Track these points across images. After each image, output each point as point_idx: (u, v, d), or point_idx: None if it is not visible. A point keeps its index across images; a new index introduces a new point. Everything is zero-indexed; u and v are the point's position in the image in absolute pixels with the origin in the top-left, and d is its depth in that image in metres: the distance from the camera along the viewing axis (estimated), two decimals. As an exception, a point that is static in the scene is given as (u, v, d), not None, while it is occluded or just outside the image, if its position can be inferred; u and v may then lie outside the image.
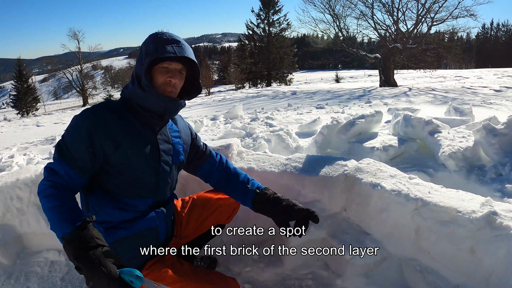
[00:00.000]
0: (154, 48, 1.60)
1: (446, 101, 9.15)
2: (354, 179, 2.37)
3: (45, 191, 1.49)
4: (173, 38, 1.64)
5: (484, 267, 1.80)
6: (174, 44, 1.63)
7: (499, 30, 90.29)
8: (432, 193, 2.08)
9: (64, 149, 1.56)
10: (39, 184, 1.54)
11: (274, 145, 4.53)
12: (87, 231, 1.38)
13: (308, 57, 47.56)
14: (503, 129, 3.19)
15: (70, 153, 1.55)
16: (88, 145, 1.56)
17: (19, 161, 5.54)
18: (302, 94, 15.33)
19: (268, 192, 1.91)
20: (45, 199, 1.48)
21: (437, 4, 21.51)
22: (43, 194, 1.49)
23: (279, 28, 43.67)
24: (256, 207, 1.91)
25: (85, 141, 1.56)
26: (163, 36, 1.64)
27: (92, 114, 1.59)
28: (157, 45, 1.60)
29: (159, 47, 1.60)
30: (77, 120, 1.59)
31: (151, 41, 1.63)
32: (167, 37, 1.64)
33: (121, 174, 1.65)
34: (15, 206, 2.81)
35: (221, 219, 2.14)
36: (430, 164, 3.35)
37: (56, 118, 18.14)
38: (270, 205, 1.86)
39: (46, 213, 1.47)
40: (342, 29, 24.48)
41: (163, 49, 1.59)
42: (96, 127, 1.57)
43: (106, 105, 1.66)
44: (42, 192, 1.50)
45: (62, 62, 50.25)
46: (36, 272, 2.70)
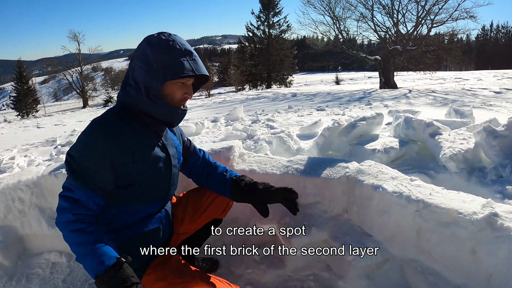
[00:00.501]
0: (170, 63, 1.53)
1: (446, 103, 9.16)
2: (356, 181, 2.37)
3: (71, 225, 1.46)
4: (186, 48, 1.58)
5: (485, 268, 1.80)
6: (188, 56, 1.58)
7: (499, 31, 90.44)
8: (433, 194, 2.09)
9: (81, 172, 1.50)
10: (60, 215, 1.49)
11: (275, 147, 4.53)
12: (122, 271, 1.40)
13: (308, 59, 47.55)
14: (503, 131, 3.20)
15: (89, 177, 1.51)
16: (108, 166, 1.53)
17: (20, 162, 5.54)
18: (302, 96, 15.34)
19: (245, 179, 1.96)
20: (72, 234, 1.46)
21: (437, 6, 21.59)
22: (69, 228, 1.46)
23: (279, 30, 43.76)
24: (234, 194, 1.94)
25: (105, 162, 1.52)
26: (175, 46, 1.56)
27: (106, 133, 1.53)
28: (173, 60, 1.54)
29: (175, 63, 1.54)
30: (92, 139, 1.52)
31: (164, 52, 1.55)
32: (180, 47, 1.57)
33: (134, 184, 1.64)
34: (17, 208, 2.81)
35: (217, 213, 2.15)
36: (431, 166, 3.35)
37: (56, 120, 18.13)
38: (247, 192, 1.91)
39: (74, 248, 1.46)
40: (342, 31, 24.55)
41: (181, 66, 1.54)
42: (114, 146, 1.53)
43: (115, 117, 1.60)
44: (67, 225, 1.47)
45: (62, 63, 50.29)
46: (37, 273, 2.70)
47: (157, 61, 1.54)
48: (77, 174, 1.50)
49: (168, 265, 1.74)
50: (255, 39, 44.60)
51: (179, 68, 1.54)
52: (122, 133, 1.57)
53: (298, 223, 2.42)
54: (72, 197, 1.49)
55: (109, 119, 1.58)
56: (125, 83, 1.63)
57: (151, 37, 1.60)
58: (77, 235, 1.45)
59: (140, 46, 1.61)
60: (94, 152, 1.51)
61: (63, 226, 1.48)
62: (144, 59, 1.56)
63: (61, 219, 1.48)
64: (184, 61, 1.55)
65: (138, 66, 1.57)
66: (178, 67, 1.54)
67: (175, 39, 1.58)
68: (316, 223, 2.42)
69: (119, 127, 1.57)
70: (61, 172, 2.78)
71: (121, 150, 1.55)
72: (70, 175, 1.51)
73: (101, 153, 1.51)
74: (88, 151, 1.51)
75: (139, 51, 1.59)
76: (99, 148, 1.50)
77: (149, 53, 1.55)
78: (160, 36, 1.58)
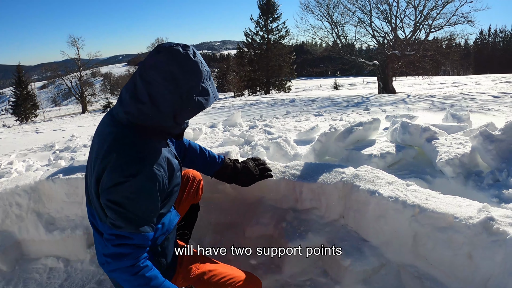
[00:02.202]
0: (200, 90, 1.46)
1: (444, 107, 9.17)
2: (352, 186, 2.38)
3: (135, 268, 1.45)
4: (207, 69, 1.51)
5: (482, 272, 1.81)
6: (209, 78, 1.52)
7: (497, 36, 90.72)
8: (430, 199, 2.09)
9: (138, 220, 1.45)
10: (119, 262, 1.45)
11: (272, 153, 4.53)
12: None
13: (306, 65, 47.62)
14: (500, 135, 3.21)
15: (146, 221, 1.48)
16: (158, 200, 1.52)
17: (18, 167, 5.54)
18: (300, 102, 15.35)
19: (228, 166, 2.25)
20: (136, 277, 1.45)
21: (434, 11, 21.63)
22: (132, 272, 1.45)
23: (278, 36, 43.81)
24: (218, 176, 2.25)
25: (156, 199, 1.51)
26: (203, 69, 1.48)
27: (154, 173, 1.47)
28: (201, 85, 1.47)
29: (203, 90, 1.47)
30: (144, 184, 1.44)
31: (194, 76, 1.45)
32: (206, 70, 1.49)
33: (168, 198, 1.67)
34: (14, 213, 2.82)
35: (192, 197, 2.27)
36: (427, 171, 3.36)
37: (55, 125, 18.10)
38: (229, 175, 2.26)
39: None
40: (340, 37, 24.58)
41: (207, 95, 1.49)
42: (162, 182, 1.51)
43: (147, 148, 1.50)
44: (131, 269, 1.45)
45: (62, 69, 50.33)
46: (34, 278, 2.70)
47: (189, 87, 1.44)
48: (134, 222, 1.45)
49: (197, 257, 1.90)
50: (254, 44, 44.66)
51: (207, 97, 1.50)
52: (158, 161, 1.51)
53: (294, 229, 2.43)
54: (131, 244, 1.45)
55: (138, 150, 1.48)
56: (134, 96, 1.47)
57: (178, 53, 1.44)
58: (139, 278, 1.45)
59: (160, 59, 1.43)
60: (147, 196, 1.47)
61: (124, 271, 1.45)
62: (171, 78, 1.42)
63: (120, 265, 1.45)
64: (208, 87, 1.49)
65: (159, 83, 1.42)
66: (206, 97, 1.49)
67: (201, 59, 1.49)
68: (313, 228, 2.42)
69: (152, 155, 1.50)
70: (59, 178, 2.79)
71: (163, 178, 1.52)
72: (126, 224, 1.44)
73: (153, 194, 1.48)
74: (140, 197, 1.45)
75: (161, 65, 1.42)
76: (150, 190, 1.46)
77: (178, 74, 1.42)
78: (189, 55, 1.45)
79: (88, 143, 7.63)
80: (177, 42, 1.50)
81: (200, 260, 1.89)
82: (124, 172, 1.42)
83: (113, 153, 1.45)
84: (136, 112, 1.48)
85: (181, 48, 1.45)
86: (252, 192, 2.67)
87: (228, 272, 1.88)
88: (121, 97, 1.53)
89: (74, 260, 2.82)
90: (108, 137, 1.52)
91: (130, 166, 1.43)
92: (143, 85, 1.45)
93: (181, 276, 1.80)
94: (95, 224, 1.65)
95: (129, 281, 1.46)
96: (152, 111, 1.46)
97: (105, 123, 1.60)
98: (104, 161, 1.47)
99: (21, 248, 2.89)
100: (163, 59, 1.43)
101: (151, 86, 1.43)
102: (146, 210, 1.47)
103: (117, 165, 1.44)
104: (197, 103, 1.47)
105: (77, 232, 2.77)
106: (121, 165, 1.43)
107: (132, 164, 1.43)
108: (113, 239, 1.45)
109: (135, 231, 1.45)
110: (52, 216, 2.87)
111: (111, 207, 1.44)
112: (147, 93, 1.44)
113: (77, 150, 7.13)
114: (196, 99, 1.46)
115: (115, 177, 1.42)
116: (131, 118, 1.50)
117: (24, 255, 2.90)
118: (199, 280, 1.80)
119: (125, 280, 1.46)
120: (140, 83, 1.46)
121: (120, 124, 1.53)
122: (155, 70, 1.43)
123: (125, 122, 1.52)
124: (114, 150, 1.46)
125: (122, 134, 1.51)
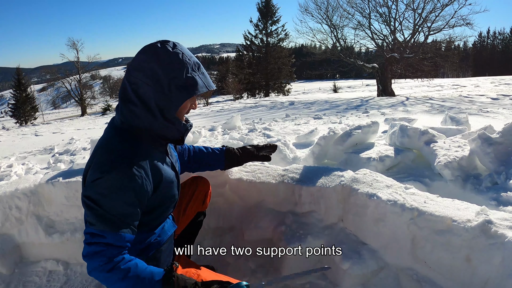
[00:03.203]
0: (184, 81, 1.45)
1: (443, 110, 9.19)
2: (351, 190, 2.39)
3: (107, 266, 1.40)
4: (194, 60, 1.50)
5: (480, 275, 1.81)
6: (198, 69, 1.50)
7: (496, 38, 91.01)
8: (428, 202, 2.10)
9: (110, 218, 1.41)
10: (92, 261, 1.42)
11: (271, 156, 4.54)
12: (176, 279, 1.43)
13: (306, 67, 47.82)
14: (498, 138, 3.21)
15: (120, 221, 1.43)
16: (136, 203, 1.48)
17: (17, 170, 5.53)
18: (300, 105, 15.38)
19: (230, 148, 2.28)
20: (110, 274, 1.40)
21: (433, 14, 21.72)
22: (105, 269, 1.40)
23: (277, 39, 43.98)
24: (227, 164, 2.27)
25: (133, 201, 1.46)
26: (185, 59, 1.47)
27: (126, 168, 1.44)
28: (186, 76, 1.45)
29: (188, 80, 1.45)
30: (113, 180, 1.41)
31: (176, 68, 1.45)
32: (190, 60, 1.48)
33: (156, 208, 1.65)
34: (14, 216, 2.82)
35: (199, 205, 2.27)
36: (426, 174, 3.36)
37: (54, 128, 18.12)
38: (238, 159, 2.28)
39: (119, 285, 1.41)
40: (339, 39, 24.66)
41: (195, 83, 1.46)
42: (141, 184, 1.47)
43: (126, 143, 1.50)
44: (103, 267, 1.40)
45: (61, 71, 50.42)
46: (34, 281, 2.70)
47: (170, 79, 1.44)
48: (106, 220, 1.41)
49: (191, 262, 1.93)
50: (253, 47, 44.80)
51: (193, 85, 1.46)
52: (144, 166, 1.50)
53: (293, 232, 2.44)
54: (103, 242, 1.41)
55: (122, 149, 1.48)
56: (125, 100, 1.50)
57: (156, 49, 1.47)
58: (115, 273, 1.40)
59: (142, 58, 1.47)
60: (120, 194, 1.42)
61: (99, 270, 1.41)
62: (152, 75, 1.44)
63: (94, 264, 1.41)
64: (196, 76, 1.47)
65: (144, 83, 1.45)
66: (193, 85, 1.46)
67: (182, 50, 1.48)
68: (312, 231, 2.43)
69: (136, 157, 1.48)
70: (58, 181, 2.79)
71: (147, 185, 1.51)
72: (97, 222, 1.41)
73: (127, 193, 1.44)
74: (112, 194, 1.42)
75: (143, 64, 1.45)
76: (123, 188, 1.42)
77: (158, 69, 1.43)
78: (167, 48, 1.46)
79: (87, 146, 7.64)
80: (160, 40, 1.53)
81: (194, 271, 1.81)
82: (101, 169, 1.42)
83: (98, 152, 1.49)
84: (129, 114, 1.50)
85: (159, 43, 1.48)
86: (251, 196, 2.67)
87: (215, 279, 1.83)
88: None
89: (74, 263, 2.82)
90: (100, 139, 1.57)
91: (108, 163, 1.43)
92: (130, 87, 1.48)
93: None
94: None
95: (106, 280, 1.42)
96: (143, 112, 1.48)
97: (106, 128, 1.63)
98: (89, 160, 1.51)
99: (21, 251, 2.89)
100: (144, 58, 1.46)
101: (137, 87, 1.46)
102: (120, 209, 1.43)
103: (97, 162, 1.46)
104: (181, 94, 1.47)
105: (77, 235, 2.77)
106: (100, 162, 1.45)
107: (110, 162, 1.43)
108: (88, 238, 1.43)
109: (108, 228, 1.41)
110: (51, 219, 2.87)
111: (86, 202, 1.43)
112: (135, 94, 1.47)
113: (76, 153, 7.13)
114: (179, 89, 1.46)
115: (93, 174, 1.44)
116: (124, 120, 1.53)
117: (24, 258, 2.90)
118: None
119: (103, 279, 1.43)
120: (127, 86, 1.49)
121: (115, 127, 1.56)
122: (138, 70, 1.46)
123: (119, 125, 1.55)
124: (100, 149, 1.50)
125: (112, 135, 1.54)
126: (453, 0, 20.75)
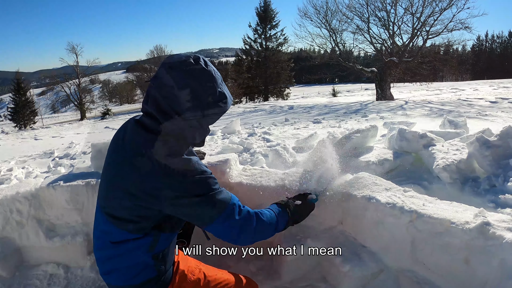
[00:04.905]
0: (218, 96, 1.53)
1: (442, 113, 9.22)
2: (350, 193, 2.40)
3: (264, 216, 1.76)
4: (219, 73, 1.57)
5: (479, 276, 1.82)
6: (222, 81, 1.58)
7: (494, 41, 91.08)
8: (427, 205, 2.11)
9: (221, 194, 1.62)
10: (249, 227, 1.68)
11: (271, 160, 4.56)
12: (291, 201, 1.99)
13: (305, 72, 47.82)
14: (496, 140, 3.23)
15: (222, 191, 1.64)
16: None
17: (17, 174, 5.55)
18: (299, 109, 15.42)
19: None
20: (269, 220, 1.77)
21: (432, 18, 21.82)
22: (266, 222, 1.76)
23: (276, 43, 43.94)
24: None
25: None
26: (216, 75, 1.54)
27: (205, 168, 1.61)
28: (217, 90, 1.52)
29: (220, 94, 1.53)
30: (203, 173, 1.56)
31: (210, 84, 1.51)
32: (218, 75, 1.56)
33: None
34: (15, 219, 2.82)
35: None
36: (425, 177, 3.38)
37: (54, 132, 18.13)
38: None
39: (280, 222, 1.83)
40: (338, 44, 24.76)
41: (224, 98, 1.56)
42: None
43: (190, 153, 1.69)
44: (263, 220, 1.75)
45: (60, 75, 50.41)
46: (35, 285, 2.71)
47: (207, 95, 1.50)
48: (219, 199, 1.60)
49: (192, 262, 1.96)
50: (252, 52, 44.77)
51: (224, 100, 1.55)
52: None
53: (293, 235, 2.45)
54: (235, 210, 1.65)
55: (193, 158, 1.60)
56: (163, 112, 1.51)
57: (190, 66, 1.49)
58: (271, 217, 1.80)
59: (173, 75, 1.47)
60: (212, 177, 1.60)
61: (261, 225, 1.74)
62: (189, 92, 1.47)
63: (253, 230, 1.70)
64: (224, 91, 1.56)
65: (180, 99, 1.47)
66: (223, 100, 1.55)
67: (212, 67, 1.55)
68: (312, 234, 2.44)
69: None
70: (59, 185, 2.80)
71: None
72: (217, 206, 1.59)
73: (211, 177, 1.61)
74: (211, 179, 1.59)
75: (179, 81, 1.46)
76: (208, 174, 1.59)
77: (195, 86, 1.47)
78: (201, 66, 1.50)
79: (87, 150, 7.64)
80: (185, 54, 1.55)
81: (195, 266, 1.90)
82: (192, 169, 1.54)
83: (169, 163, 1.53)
84: (177, 127, 1.53)
85: (193, 60, 1.50)
86: (251, 199, 2.68)
87: (225, 277, 1.90)
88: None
89: (74, 267, 2.83)
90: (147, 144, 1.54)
91: (192, 163, 1.57)
92: (164, 101, 1.49)
93: (177, 283, 1.80)
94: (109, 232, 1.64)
95: (263, 225, 1.75)
96: (182, 125, 1.52)
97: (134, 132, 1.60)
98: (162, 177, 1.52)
99: (22, 255, 2.89)
100: (179, 75, 1.47)
101: (173, 102, 1.48)
102: (215, 186, 1.61)
103: (186, 168, 1.54)
104: (217, 109, 1.55)
105: (77, 239, 2.78)
106: (188, 167, 1.54)
107: (195, 163, 1.57)
108: (235, 226, 1.65)
109: (230, 200, 1.65)
110: (52, 223, 2.88)
111: (196, 201, 1.54)
112: (172, 109, 1.49)
113: (76, 157, 7.15)
114: (216, 105, 1.53)
115: (188, 180, 1.53)
116: (171, 133, 1.55)
117: (25, 261, 2.90)
118: (196, 286, 1.81)
119: (264, 228, 1.75)
120: (160, 100, 1.49)
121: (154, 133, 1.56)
122: (174, 88, 1.47)
123: (169, 141, 1.56)
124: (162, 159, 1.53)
125: (164, 141, 1.56)
126: (452, 4, 20.86)
